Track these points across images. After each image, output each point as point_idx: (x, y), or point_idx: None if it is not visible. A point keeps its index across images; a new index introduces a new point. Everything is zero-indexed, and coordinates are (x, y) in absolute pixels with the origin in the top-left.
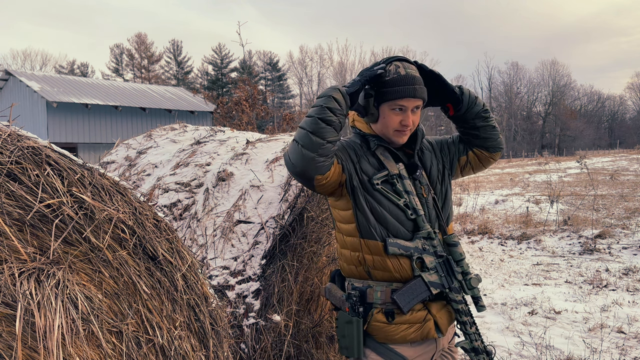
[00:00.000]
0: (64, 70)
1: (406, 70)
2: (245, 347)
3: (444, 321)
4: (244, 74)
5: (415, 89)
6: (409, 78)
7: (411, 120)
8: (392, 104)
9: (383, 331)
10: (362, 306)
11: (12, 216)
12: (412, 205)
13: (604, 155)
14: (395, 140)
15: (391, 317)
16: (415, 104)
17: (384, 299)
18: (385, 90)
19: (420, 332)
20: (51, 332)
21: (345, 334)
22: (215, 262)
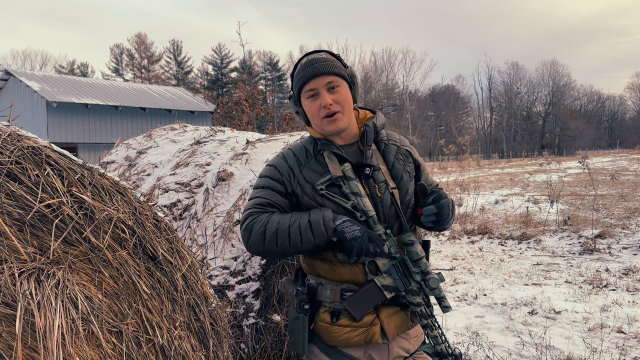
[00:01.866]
0: (64, 70)
1: (309, 58)
2: (245, 347)
3: (392, 327)
4: (244, 74)
5: (315, 67)
6: (308, 62)
7: (328, 99)
8: (304, 94)
9: (327, 331)
10: (310, 304)
11: (12, 216)
12: (360, 207)
13: (604, 155)
14: (330, 129)
15: (336, 317)
16: (326, 82)
17: (333, 298)
18: (294, 84)
19: (365, 336)
20: (51, 332)
21: (293, 329)
22: (215, 262)
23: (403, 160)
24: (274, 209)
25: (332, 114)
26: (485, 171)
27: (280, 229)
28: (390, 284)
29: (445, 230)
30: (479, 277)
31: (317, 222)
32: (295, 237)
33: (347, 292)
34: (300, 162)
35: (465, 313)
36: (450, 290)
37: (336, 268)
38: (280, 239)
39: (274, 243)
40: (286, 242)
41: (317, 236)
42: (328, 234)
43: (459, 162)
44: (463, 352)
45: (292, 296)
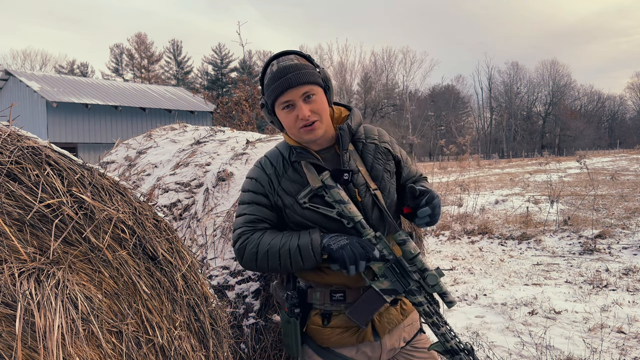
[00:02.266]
0: (64, 70)
1: (279, 64)
2: (245, 347)
3: (383, 324)
4: (244, 74)
5: (289, 78)
6: (280, 71)
7: (306, 111)
8: (279, 105)
9: (319, 334)
10: (301, 307)
11: (12, 216)
12: (345, 214)
13: (604, 155)
14: (308, 138)
15: (327, 320)
16: (301, 93)
17: (323, 301)
18: (267, 94)
19: (357, 336)
20: (51, 332)
21: (286, 333)
22: (215, 262)
23: (383, 159)
24: (264, 224)
25: (311, 124)
26: (485, 171)
27: (271, 251)
28: (389, 287)
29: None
30: (479, 277)
31: (305, 247)
32: (285, 261)
33: (337, 293)
34: (278, 172)
35: (465, 313)
36: (450, 291)
37: (324, 275)
38: (271, 260)
39: (266, 264)
40: (276, 264)
41: (305, 261)
42: (317, 259)
43: (459, 162)
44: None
45: (282, 300)
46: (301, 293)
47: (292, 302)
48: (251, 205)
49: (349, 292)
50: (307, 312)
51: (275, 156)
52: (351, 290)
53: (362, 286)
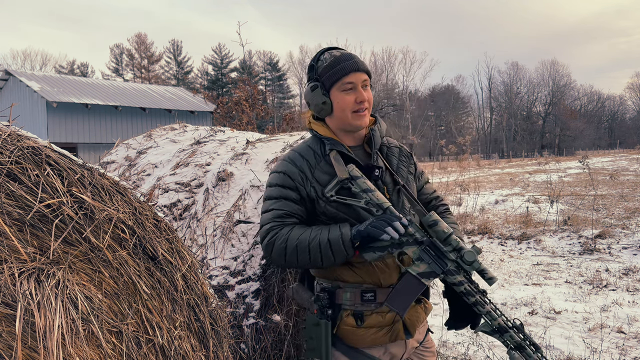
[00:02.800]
0: (64, 70)
1: (340, 52)
2: (245, 347)
3: (413, 322)
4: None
5: (356, 62)
6: (346, 55)
7: (365, 95)
8: (340, 85)
9: (353, 335)
10: (331, 308)
11: (12, 216)
12: (374, 202)
13: (604, 155)
14: (357, 123)
15: (360, 320)
16: (362, 79)
17: (354, 301)
18: (329, 74)
19: (390, 335)
20: (51, 332)
21: (313, 336)
22: (215, 262)
23: (406, 162)
24: (292, 219)
25: (363, 110)
26: (485, 171)
27: (300, 245)
28: (426, 270)
29: None
30: (479, 277)
31: (336, 241)
32: (315, 255)
33: (367, 293)
34: (310, 164)
35: None
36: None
37: (357, 270)
38: (301, 255)
39: (295, 259)
40: (306, 259)
41: (337, 256)
42: (348, 253)
43: (459, 162)
44: (463, 352)
45: (309, 302)
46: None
47: (323, 303)
48: (279, 200)
49: (380, 291)
50: (335, 313)
51: (306, 150)
52: (382, 290)
53: (393, 285)
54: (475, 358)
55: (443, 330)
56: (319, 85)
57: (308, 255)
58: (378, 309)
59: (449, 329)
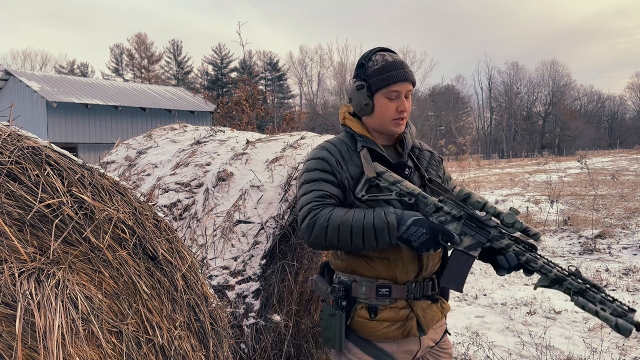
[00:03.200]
0: (64, 70)
1: (392, 57)
2: (245, 347)
3: (427, 320)
4: (244, 74)
5: (406, 72)
6: (397, 63)
7: (407, 105)
8: (386, 92)
9: (365, 327)
10: (347, 300)
11: (12, 216)
12: (405, 192)
13: (604, 155)
14: (394, 130)
15: (374, 313)
16: (408, 89)
17: (369, 294)
18: (378, 78)
19: (402, 331)
20: (51, 332)
21: (329, 326)
22: (215, 262)
23: (436, 166)
24: (331, 200)
25: (402, 118)
26: (485, 171)
27: (343, 226)
28: (471, 242)
29: None
30: (479, 277)
31: (381, 229)
32: (356, 238)
33: (383, 288)
34: (344, 156)
35: (465, 313)
36: (450, 290)
37: (374, 264)
38: (342, 236)
39: (336, 239)
40: (347, 240)
41: (380, 242)
42: (392, 242)
43: (459, 162)
44: (463, 352)
45: (326, 293)
46: (345, 287)
47: (339, 294)
48: (318, 182)
49: (395, 287)
50: (350, 306)
51: (340, 143)
52: (397, 286)
53: (408, 282)
54: (475, 358)
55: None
56: (365, 86)
57: (349, 237)
58: (393, 304)
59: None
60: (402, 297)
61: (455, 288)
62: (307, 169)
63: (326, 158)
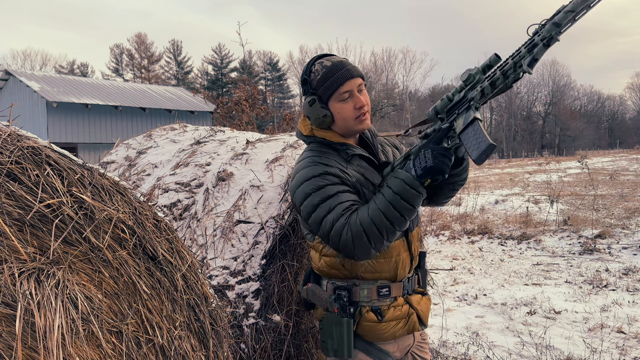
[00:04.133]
0: (64, 70)
1: (330, 60)
2: (245, 347)
3: (425, 313)
4: (244, 74)
5: (349, 69)
6: (337, 64)
7: (363, 100)
8: (337, 96)
9: (373, 330)
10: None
11: (12, 216)
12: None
13: (604, 155)
14: (361, 127)
15: (380, 315)
16: (357, 83)
17: (371, 297)
18: (324, 87)
19: (407, 327)
20: (51, 332)
21: (334, 335)
22: (215, 262)
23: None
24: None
25: (364, 114)
26: (485, 171)
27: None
28: (464, 116)
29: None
30: (479, 277)
31: (403, 190)
32: (393, 215)
33: (383, 288)
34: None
35: (465, 313)
36: (450, 290)
37: (378, 265)
38: (379, 224)
39: (377, 232)
40: (386, 224)
41: (412, 200)
42: (421, 193)
43: None
44: (463, 352)
45: (328, 302)
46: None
47: (344, 301)
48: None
49: (393, 285)
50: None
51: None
52: (395, 284)
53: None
54: (475, 358)
55: (443, 330)
56: (316, 99)
57: (386, 219)
58: (393, 303)
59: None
60: (399, 295)
61: (490, 150)
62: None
63: (329, 172)
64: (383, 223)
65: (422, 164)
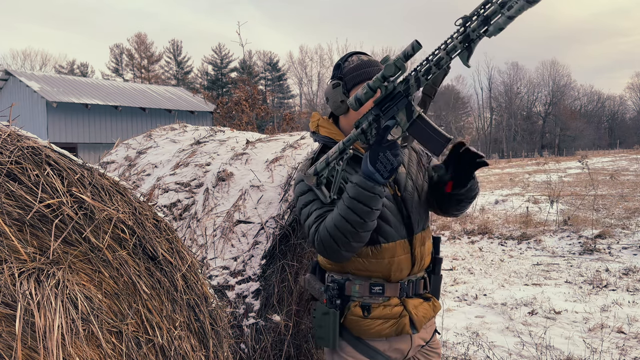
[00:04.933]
0: (64, 70)
1: (368, 57)
2: (245, 347)
3: (420, 318)
4: (244, 74)
5: (380, 69)
6: (372, 62)
7: None
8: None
9: (358, 325)
10: (340, 299)
11: (12, 216)
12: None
13: (604, 155)
14: None
15: (367, 311)
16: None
17: (362, 293)
18: (353, 75)
19: (395, 328)
20: (51, 332)
21: (322, 324)
22: (215, 262)
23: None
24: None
25: None
26: (485, 171)
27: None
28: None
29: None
30: (479, 277)
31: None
32: (353, 218)
33: (376, 286)
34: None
35: (465, 313)
36: (450, 290)
37: (368, 264)
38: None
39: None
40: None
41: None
42: (376, 193)
43: None
44: (463, 352)
45: (319, 292)
46: (339, 286)
47: (332, 293)
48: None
49: (388, 285)
50: (343, 304)
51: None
52: (390, 284)
53: (401, 280)
54: (475, 358)
55: (443, 331)
56: (340, 84)
57: (348, 224)
58: (386, 302)
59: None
60: (395, 296)
61: (445, 142)
62: (301, 192)
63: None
64: (346, 228)
65: (388, 166)
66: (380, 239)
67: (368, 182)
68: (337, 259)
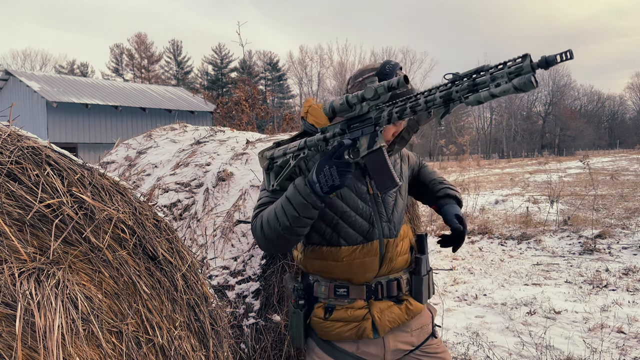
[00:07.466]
0: (64, 70)
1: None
2: (245, 347)
3: (384, 322)
4: (244, 74)
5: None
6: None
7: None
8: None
9: (320, 326)
10: (307, 300)
11: (12, 216)
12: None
13: (604, 155)
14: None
15: (329, 313)
16: None
17: (327, 294)
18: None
19: (356, 331)
20: (51, 332)
21: (291, 324)
22: (215, 262)
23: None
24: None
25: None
26: (485, 171)
27: (270, 217)
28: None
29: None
30: (479, 277)
31: (293, 195)
32: (282, 219)
33: (340, 288)
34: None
35: (465, 313)
36: (450, 290)
37: (329, 267)
38: (273, 226)
39: (272, 233)
40: (278, 228)
41: (299, 209)
42: (309, 201)
43: (459, 162)
44: (463, 352)
45: (289, 292)
46: (309, 287)
47: (298, 294)
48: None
49: (353, 287)
50: (312, 305)
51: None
52: (355, 286)
53: (366, 283)
54: (475, 358)
55: (443, 331)
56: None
57: (277, 222)
58: (350, 305)
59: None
60: (360, 298)
61: (392, 185)
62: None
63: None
64: (275, 225)
65: (330, 182)
66: (341, 241)
67: (306, 188)
68: (267, 251)
